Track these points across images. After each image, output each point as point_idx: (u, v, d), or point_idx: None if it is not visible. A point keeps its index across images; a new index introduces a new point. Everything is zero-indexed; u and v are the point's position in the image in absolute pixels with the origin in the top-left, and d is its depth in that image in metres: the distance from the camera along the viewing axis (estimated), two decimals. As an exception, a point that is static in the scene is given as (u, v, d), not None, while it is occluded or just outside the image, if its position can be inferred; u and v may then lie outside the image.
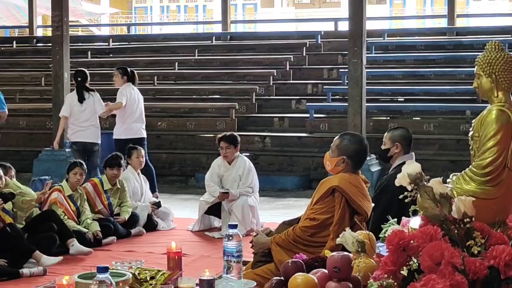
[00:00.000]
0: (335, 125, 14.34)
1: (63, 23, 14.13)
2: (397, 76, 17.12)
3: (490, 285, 2.52)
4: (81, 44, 20.53)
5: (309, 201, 5.72)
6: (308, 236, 5.46)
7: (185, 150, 15.46)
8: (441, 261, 2.48)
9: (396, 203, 4.55)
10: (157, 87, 17.90)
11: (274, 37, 20.33)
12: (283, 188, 13.75)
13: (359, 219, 5.42)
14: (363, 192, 5.60)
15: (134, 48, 20.82)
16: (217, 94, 17.26)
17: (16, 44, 22.02)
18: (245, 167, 10.10)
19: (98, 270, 3.45)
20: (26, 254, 8.15)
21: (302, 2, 42.07)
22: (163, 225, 10.54)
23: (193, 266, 6.90)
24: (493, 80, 3.09)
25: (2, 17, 25.06)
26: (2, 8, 24.62)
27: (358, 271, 3.71)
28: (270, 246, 5.58)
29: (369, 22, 13.92)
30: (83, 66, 18.56)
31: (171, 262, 4.44)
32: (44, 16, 23.27)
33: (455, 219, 2.67)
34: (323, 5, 39.88)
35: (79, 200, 9.62)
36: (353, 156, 5.65)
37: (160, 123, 16.34)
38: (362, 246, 3.77)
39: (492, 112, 3.04)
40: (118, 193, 10.23)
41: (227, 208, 9.86)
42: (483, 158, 3.04)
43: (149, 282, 4.10)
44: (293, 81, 17.67)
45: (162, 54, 19.76)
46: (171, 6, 42.01)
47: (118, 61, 19.76)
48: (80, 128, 12.35)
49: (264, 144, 15.09)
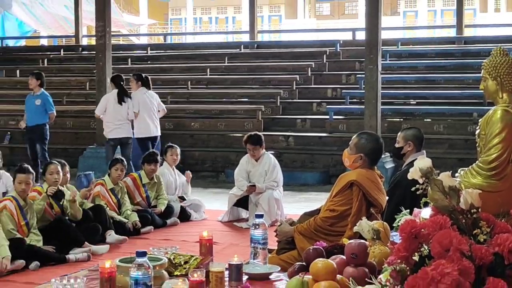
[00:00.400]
0: (353, 126, 14.29)
1: (106, 33, 14.22)
2: (410, 81, 17.04)
3: (495, 270, 2.51)
4: (122, 52, 20.59)
5: (329, 194, 5.72)
6: (328, 225, 5.47)
7: (216, 148, 15.49)
8: (449, 248, 2.48)
9: (409, 196, 4.54)
10: (190, 91, 17.94)
11: (297, 45, 20.33)
12: (305, 183, 13.74)
13: (375, 211, 5.43)
14: (378, 186, 5.60)
15: (169, 56, 20.88)
16: (245, 98, 17.26)
17: (63, 52, 22.16)
18: (270, 164, 10.11)
19: (137, 254, 3.48)
20: (76, 243, 8.22)
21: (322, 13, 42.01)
22: (195, 216, 10.57)
23: (223, 253, 6.91)
24: (498, 83, 3.08)
25: (51, 28, 25.20)
26: (51, 19, 24.77)
27: (373, 257, 3.71)
28: (293, 235, 5.59)
29: (384, 32, 13.86)
30: (123, 72, 18.66)
31: (203, 248, 4.46)
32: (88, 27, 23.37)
33: (463, 209, 2.66)
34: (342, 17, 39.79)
35: (119, 193, 9.66)
36: (369, 154, 5.65)
37: (194, 123, 16.39)
38: (377, 234, 3.77)
39: (497, 112, 3.03)
40: (155, 186, 10.27)
41: (254, 201, 9.86)
42: (489, 154, 3.03)
43: (183, 266, 4.12)
44: (314, 85, 17.64)
45: (195, 61, 19.79)
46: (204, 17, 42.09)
47: (155, 67, 19.86)
48: (116, 126, 12.74)
49: (287, 143, 15.08)
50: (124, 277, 3.73)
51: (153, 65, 20.13)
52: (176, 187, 10.81)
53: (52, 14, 24.55)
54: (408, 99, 16.27)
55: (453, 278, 2.38)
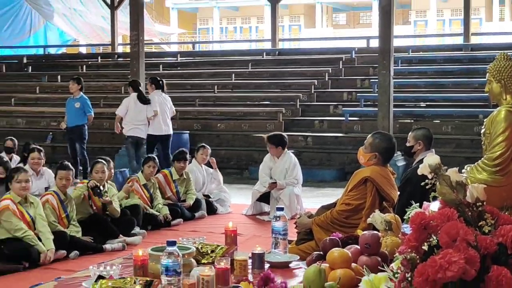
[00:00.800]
0: (367, 127, 14.27)
1: (139, 41, 14.29)
2: (420, 85, 16.98)
3: (499, 258, 2.50)
4: (154, 59, 20.68)
5: (344, 189, 5.72)
6: (343, 218, 5.47)
7: (240, 147, 15.53)
8: (456, 238, 2.47)
9: (419, 191, 4.52)
10: (217, 95, 17.98)
11: (315, 52, 20.30)
12: (322, 179, 13.73)
13: (387, 205, 5.43)
14: (390, 182, 5.59)
15: (198, 62, 20.95)
16: (267, 101, 17.27)
17: (100, 59, 22.31)
18: (291, 162, 10.11)
19: (167, 244, 3.49)
20: (111, 235, 8.29)
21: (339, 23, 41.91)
22: (221, 210, 10.59)
23: (246, 243, 6.91)
24: (502, 85, 3.07)
25: (89, 37, 25.37)
26: (89, 29, 24.93)
27: (385, 247, 3.71)
28: (311, 226, 5.59)
29: (396, 40, 13.81)
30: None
31: (228, 238, 4.47)
32: (123, 36, 23.48)
33: (469, 203, 2.65)
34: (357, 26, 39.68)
35: (152, 188, 9.71)
36: (383, 152, 5.65)
37: (220, 124, 16.44)
38: (389, 225, 3.77)
39: (501, 112, 3.02)
40: (184, 182, 10.31)
41: (275, 196, 9.87)
42: (493, 152, 3.02)
43: (210, 255, 4.13)
44: (331, 89, 17.63)
45: (221, 67, 19.84)
46: (229, 27, 42.12)
47: (185, 73, 19.94)
48: (134, 126, 13.10)
49: (306, 142, 15.09)
50: (155, 264, 3.75)
51: (183, 71, 20.20)
52: (204, 183, 10.85)
53: (90, 24, 24.70)
54: (418, 102, 16.20)
55: (459, 266, 2.38)
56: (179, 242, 3.88)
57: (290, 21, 40.50)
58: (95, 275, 3.72)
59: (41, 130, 17.36)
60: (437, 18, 37.30)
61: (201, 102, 17.54)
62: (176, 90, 18.50)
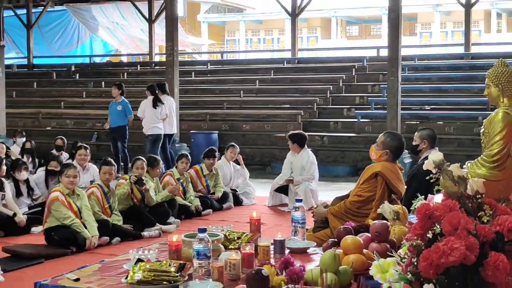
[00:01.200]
0: (377, 128, 14.20)
1: (174, 51, 14.35)
2: (425, 90, 16.89)
3: (496, 245, 2.48)
4: (187, 67, 20.77)
5: (356, 182, 5.70)
6: (356, 208, 5.46)
7: (263, 146, 15.54)
8: (458, 227, 2.45)
9: (424, 185, 4.48)
10: (242, 99, 18.00)
11: (330, 61, 20.25)
12: (336, 175, 13.71)
13: (395, 197, 5.40)
14: (399, 177, 5.57)
15: (226, 70, 20.99)
16: (287, 104, 17.25)
17: (139, 67, 22.43)
18: (308, 160, 10.09)
19: (198, 231, 3.50)
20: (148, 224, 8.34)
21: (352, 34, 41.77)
22: (246, 201, 10.61)
23: (268, 231, 6.92)
24: (499, 89, 3.04)
25: (130, 47, 25.50)
26: (129, 40, 25.06)
27: (393, 235, 3.69)
28: (327, 215, 5.59)
29: (403, 49, 13.77)
30: (188, 84, 18.91)
31: (252, 226, 4.47)
32: (160, 46, 23.59)
33: (469, 195, 2.63)
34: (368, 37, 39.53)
35: (185, 182, 9.74)
36: (394, 150, 5.63)
37: (245, 125, 16.45)
38: (397, 215, 3.75)
39: (499, 114, 3.00)
40: (213, 177, 10.33)
41: (293, 190, 9.88)
42: (491, 149, 3.00)
43: (236, 241, 4.14)
44: (344, 94, 17.58)
45: (247, 74, 19.86)
46: (254, 38, 42.14)
47: (214, 79, 19.97)
48: (152, 125, 13.38)
49: (322, 141, 15.06)
50: (188, 249, 3.76)
51: (212, 77, 20.25)
52: (231, 178, 10.87)
53: (130, 36, 24.84)
54: (424, 105, 16.12)
55: (460, 252, 2.36)
56: (209, 229, 3.89)
57: (308, 33, 40.42)
58: (135, 259, 3.74)
59: (87, 130, 17.49)
60: (441, 30, 37.06)
61: (228, 106, 17.56)
62: (206, 95, 18.59)
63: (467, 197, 2.62)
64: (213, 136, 15.34)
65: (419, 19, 38.15)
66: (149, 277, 3.37)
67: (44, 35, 24.85)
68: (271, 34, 41.84)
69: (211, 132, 15.60)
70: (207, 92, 18.88)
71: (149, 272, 3.40)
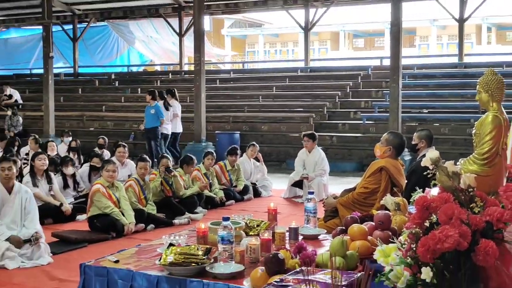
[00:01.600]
0: (380, 129, 14.12)
1: (201, 61, 14.38)
2: (423, 95, 16.77)
3: (486, 233, 2.47)
4: (212, 75, 20.80)
5: (362, 176, 5.69)
6: (362, 199, 5.44)
7: (279, 144, 15.53)
8: (452, 217, 2.44)
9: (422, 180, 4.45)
10: (261, 103, 18.00)
11: (339, 70, 20.18)
12: (344, 170, 13.68)
13: (397, 190, 5.37)
14: (400, 172, 5.55)
15: (246, 78, 20.99)
16: (301, 108, 17.21)
17: (171, 75, 22.49)
18: (320, 156, 10.15)
19: (223, 219, 3.52)
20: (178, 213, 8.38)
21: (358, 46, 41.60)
22: (264, 194, 10.63)
23: (284, 220, 6.92)
24: (489, 95, 3.02)
25: (162, 58, 25.57)
26: (162, 52, 25.14)
27: (395, 224, 3.68)
28: (336, 206, 5.58)
29: (403, 59, 13.67)
30: (213, 90, 18.95)
31: (270, 216, 4.48)
32: (189, 57, 23.63)
33: (463, 189, 2.62)
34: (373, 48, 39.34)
35: (210, 176, 9.78)
36: (396, 147, 5.61)
37: (263, 127, 16.45)
38: (398, 206, 3.74)
39: (489, 117, 2.98)
40: (235, 172, 10.36)
41: (307, 185, 9.90)
42: (482, 148, 2.98)
43: (256, 228, 4.14)
44: (351, 99, 17.51)
45: (265, 81, 19.84)
46: (271, 50, 42.09)
47: (236, 86, 19.97)
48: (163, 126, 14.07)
49: (332, 141, 15.01)
50: (213, 235, 3.77)
51: (235, 85, 20.26)
52: (251, 173, 10.90)
53: (163, 48, 24.92)
54: (422, 109, 16.00)
55: (454, 239, 2.35)
56: (232, 218, 3.90)
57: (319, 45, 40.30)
58: (167, 243, 3.76)
59: (125, 130, 17.59)
60: (437, 42, 36.83)
61: (249, 109, 17.58)
62: (229, 99, 18.61)
63: (460, 190, 2.60)
64: (235, 136, 15.37)
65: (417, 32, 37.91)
66: (179, 259, 3.39)
67: (88, 47, 25.02)
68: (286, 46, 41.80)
69: (233, 132, 15.62)
70: (230, 97, 18.90)
71: (179, 255, 3.42)
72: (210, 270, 3.34)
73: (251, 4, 21.22)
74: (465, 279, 2.43)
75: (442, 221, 2.45)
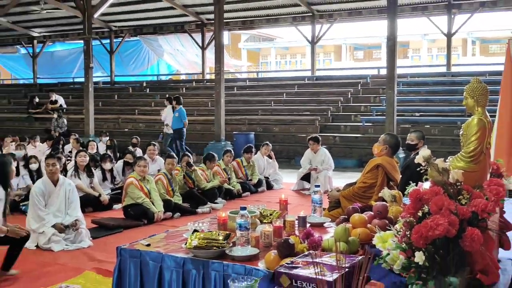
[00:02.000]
0: (378, 130, 14.08)
1: (221, 71, 14.39)
2: (415, 101, 16.66)
3: (472, 222, 2.45)
4: (230, 83, 20.82)
5: (362, 172, 5.66)
6: (362, 192, 5.41)
7: (289, 144, 15.53)
8: (442, 208, 2.43)
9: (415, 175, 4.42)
10: (273, 107, 17.99)
11: (341, 78, 20.09)
12: (346, 166, 13.66)
13: (393, 184, 5.34)
14: (395, 168, 5.51)
15: (260, 85, 20.96)
16: (307, 111, 17.19)
17: (194, 83, 22.55)
18: (325, 155, 10.18)
19: (240, 208, 3.52)
20: (201, 203, 8.40)
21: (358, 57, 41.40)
22: (276, 186, 10.63)
23: (294, 209, 6.92)
24: (475, 100, 3.00)
25: (187, 68, 25.61)
26: (187, 63, 25.16)
27: (391, 213, 3.66)
28: (339, 198, 5.55)
29: (398, 69, 13.60)
30: (231, 96, 18.97)
31: (281, 206, 4.47)
32: (210, 67, 23.62)
33: (451, 183, 2.60)
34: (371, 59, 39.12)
35: (229, 171, 9.80)
36: (392, 146, 5.57)
37: (275, 128, 16.45)
38: (394, 198, 3.71)
39: (474, 119, 2.95)
40: (251, 167, 10.38)
41: (315, 177, 9.90)
42: (468, 147, 2.95)
43: (269, 217, 4.14)
44: (352, 104, 17.44)
45: (276, 88, 19.82)
46: (282, 61, 42.01)
47: (251, 93, 19.96)
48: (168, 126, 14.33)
49: (335, 141, 14.98)
50: (232, 222, 3.78)
51: (250, 91, 20.25)
52: (264, 168, 10.91)
53: (188, 60, 24.97)
54: (414, 113, 15.91)
55: (444, 227, 2.34)
56: (248, 208, 3.90)
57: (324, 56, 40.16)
58: (192, 229, 3.78)
59: (155, 131, 17.66)
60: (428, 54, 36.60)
61: (262, 113, 17.58)
62: (245, 104, 18.61)
63: (449, 184, 2.59)
64: (250, 136, 15.39)
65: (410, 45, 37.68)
66: (202, 243, 3.40)
67: (123, 59, 25.14)
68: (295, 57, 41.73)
69: (248, 133, 15.64)
70: (246, 102, 18.91)
71: (202, 240, 3.43)
72: (229, 253, 3.35)
73: (264, 21, 21.22)
74: (454, 262, 2.41)
75: (433, 211, 2.44)
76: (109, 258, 5.54)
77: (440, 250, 2.40)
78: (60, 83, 25.37)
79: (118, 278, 3.67)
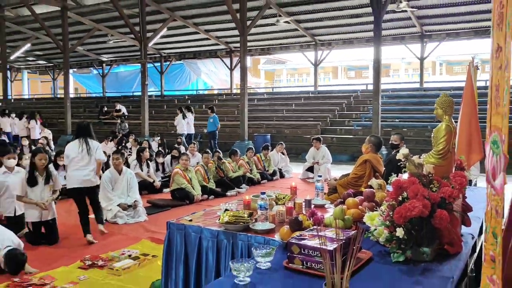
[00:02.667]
0: (366, 133, 13.95)
1: (245, 87, 14.40)
2: (395, 110, 16.46)
3: (441, 205, 2.43)
4: (252, 96, 20.82)
5: (354, 166, 5.62)
6: (354, 181, 5.37)
7: (297, 143, 15.46)
8: (417, 194, 2.40)
9: (396, 169, 4.42)
10: (285, 115, 17.94)
11: (337, 92, 19.95)
12: (341, 160, 13.54)
13: (378, 175, 5.29)
14: (380, 162, 5.46)
15: (275, 98, 20.91)
16: (311, 118, 17.11)
17: (225, 96, 22.58)
18: (326, 151, 10.09)
19: (261, 193, 3.52)
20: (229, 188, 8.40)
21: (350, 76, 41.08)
22: (287, 176, 10.59)
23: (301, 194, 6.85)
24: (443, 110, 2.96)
25: (219, 85, 25.70)
26: (218, 81, 25.25)
27: (378, 198, 3.62)
28: (336, 186, 5.52)
29: (382, 85, 13.48)
30: (253, 106, 18.93)
31: (292, 191, 4.45)
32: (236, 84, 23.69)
33: (425, 175, 2.57)
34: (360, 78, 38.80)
35: (251, 164, 9.78)
36: (376, 144, 5.52)
37: (286, 130, 16.39)
38: (380, 186, 3.68)
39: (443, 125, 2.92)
40: (268, 161, 10.35)
41: (317, 168, 9.83)
42: (438, 147, 2.91)
43: (282, 199, 4.13)
44: (346, 112, 17.31)
45: (287, 101, 19.75)
46: (291, 79, 41.94)
47: (268, 103, 19.91)
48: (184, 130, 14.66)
49: (332, 141, 14.87)
50: (254, 204, 3.78)
51: (267, 103, 20.22)
52: (278, 161, 10.86)
53: (219, 78, 25.07)
54: (395, 119, 15.73)
55: (419, 209, 2.32)
56: (266, 192, 3.91)
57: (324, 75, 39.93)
58: (223, 209, 3.79)
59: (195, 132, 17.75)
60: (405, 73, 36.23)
61: (276, 119, 17.55)
62: (263, 112, 18.57)
63: (423, 176, 2.56)
64: (267, 137, 15.37)
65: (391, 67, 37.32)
66: (232, 219, 3.41)
67: (170, 78, 25.33)
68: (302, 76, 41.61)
69: (266, 134, 15.62)
70: (264, 111, 18.88)
71: (232, 217, 3.44)
72: (252, 227, 3.35)
73: (278, 48, 21.20)
74: (426, 236, 2.39)
75: (411, 196, 2.42)
76: (161, 230, 5.60)
77: (415, 226, 2.39)
78: (123, 96, 25.66)
79: (167, 245, 3.70)
